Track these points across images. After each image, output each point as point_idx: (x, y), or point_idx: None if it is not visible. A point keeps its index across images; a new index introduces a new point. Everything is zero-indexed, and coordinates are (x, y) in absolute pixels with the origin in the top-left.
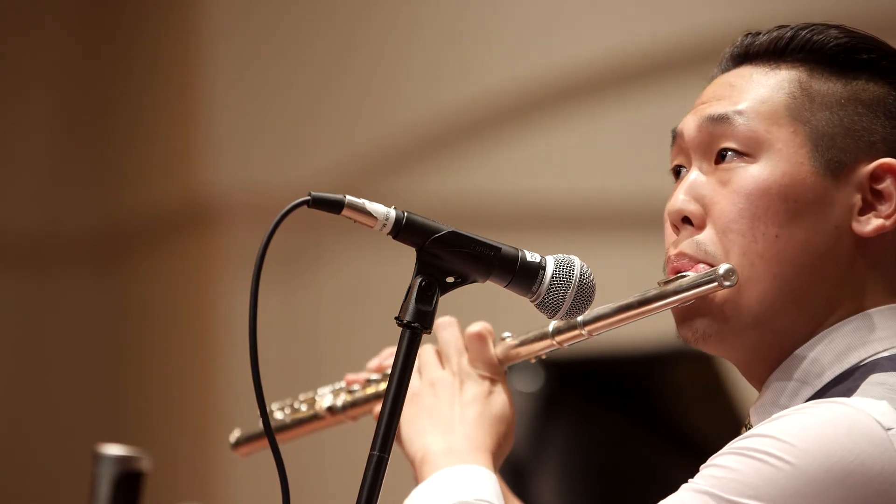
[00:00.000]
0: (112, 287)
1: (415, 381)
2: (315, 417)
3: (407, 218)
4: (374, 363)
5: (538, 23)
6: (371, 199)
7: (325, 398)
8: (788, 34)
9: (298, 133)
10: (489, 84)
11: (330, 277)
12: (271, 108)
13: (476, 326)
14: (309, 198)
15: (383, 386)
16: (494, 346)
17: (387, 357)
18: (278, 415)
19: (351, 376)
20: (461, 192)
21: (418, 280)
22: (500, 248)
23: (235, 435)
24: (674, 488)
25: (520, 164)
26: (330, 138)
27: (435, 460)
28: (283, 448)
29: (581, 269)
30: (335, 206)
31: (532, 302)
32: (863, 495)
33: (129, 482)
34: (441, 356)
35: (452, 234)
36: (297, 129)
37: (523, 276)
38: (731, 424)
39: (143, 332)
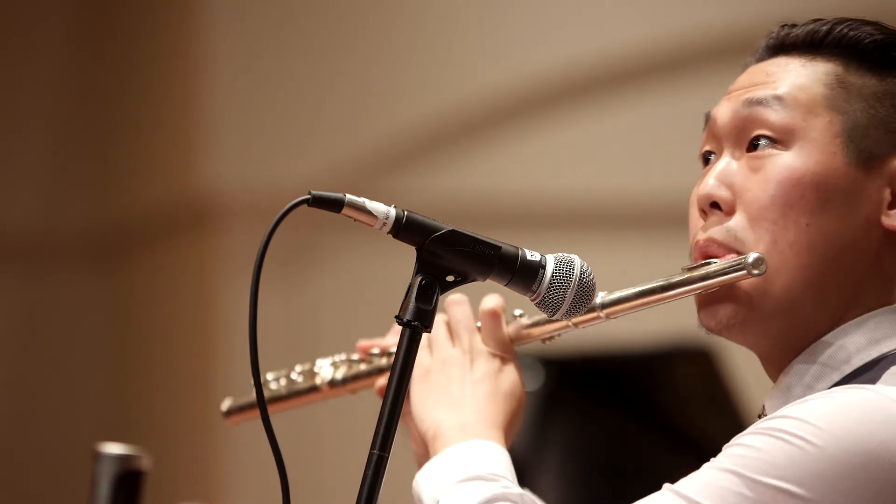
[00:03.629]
0: (112, 286)
1: (426, 359)
2: (313, 389)
3: (407, 217)
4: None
5: (538, 22)
6: (371, 198)
7: (325, 370)
8: (825, 28)
9: (298, 133)
10: (489, 83)
11: (330, 277)
12: (271, 108)
13: (490, 302)
14: (309, 196)
15: (384, 361)
16: (507, 324)
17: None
18: (273, 385)
19: (364, 342)
20: (461, 191)
21: (418, 279)
22: (500, 247)
23: (227, 403)
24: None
25: (519, 163)
26: (330, 138)
27: (447, 435)
28: (281, 444)
29: (581, 267)
30: (335, 205)
31: (532, 301)
32: (886, 479)
33: (129, 481)
34: (451, 334)
35: (452, 232)
36: (297, 128)
37: (523, 274)
38: (730, 422)
39: (143, 330)
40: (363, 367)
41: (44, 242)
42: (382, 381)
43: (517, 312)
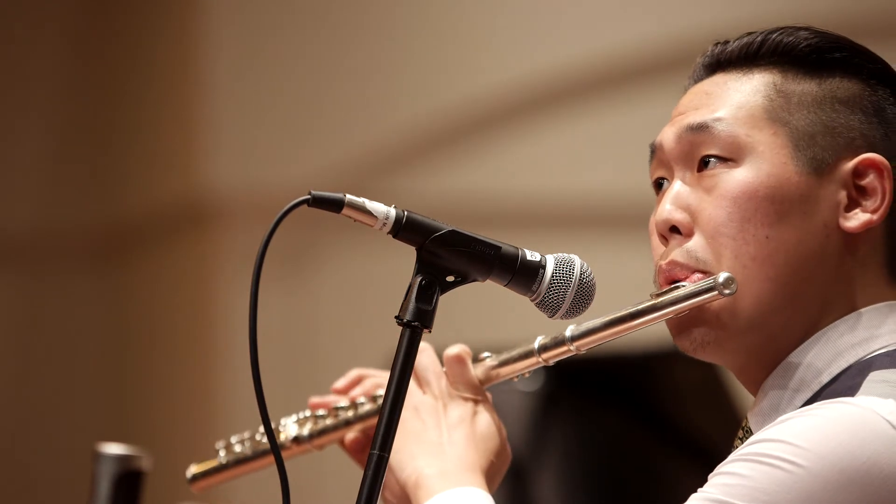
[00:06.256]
0: (112, 286)
1: None
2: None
3: (407, 217)
4: (340, 383)
5: (537, 22)
6: (371, 199)
7: (290, 427)
8: (759, 39)
9: (298, 132)
10: (488, 83)
11: (330, 276)
12: (271, 108)
13: (454, 349)
14: (309, 197)
15: (351, 413)
16: (474, 366)
17: (353, 379)
18: (237, 447)
19: (315, 400)
20: (461, 192)
21: (418, 279)
22: (500, 247)
23: (192, 470)
24: (672, 487)
25: (519, 163)
26: (330, 138)
27: (429, 484)
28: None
29: (581, 268)
30: (335, 205)
31: (532, 301)
32: (876, 496)
33: (129, 481)
34: (419, 381)
35: (452, 232)
36: (297, 128)
37: (523, 275)
38: (729, 423)
39: (143, 331)
40: (329, 421)
41: (44, 242)
42: (350, 434)
43: (484, 355)
